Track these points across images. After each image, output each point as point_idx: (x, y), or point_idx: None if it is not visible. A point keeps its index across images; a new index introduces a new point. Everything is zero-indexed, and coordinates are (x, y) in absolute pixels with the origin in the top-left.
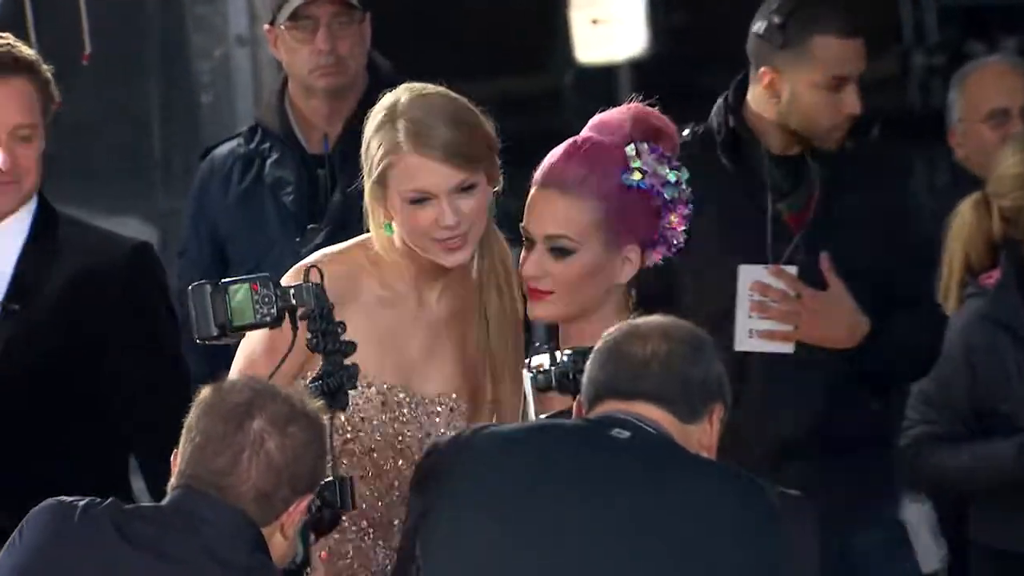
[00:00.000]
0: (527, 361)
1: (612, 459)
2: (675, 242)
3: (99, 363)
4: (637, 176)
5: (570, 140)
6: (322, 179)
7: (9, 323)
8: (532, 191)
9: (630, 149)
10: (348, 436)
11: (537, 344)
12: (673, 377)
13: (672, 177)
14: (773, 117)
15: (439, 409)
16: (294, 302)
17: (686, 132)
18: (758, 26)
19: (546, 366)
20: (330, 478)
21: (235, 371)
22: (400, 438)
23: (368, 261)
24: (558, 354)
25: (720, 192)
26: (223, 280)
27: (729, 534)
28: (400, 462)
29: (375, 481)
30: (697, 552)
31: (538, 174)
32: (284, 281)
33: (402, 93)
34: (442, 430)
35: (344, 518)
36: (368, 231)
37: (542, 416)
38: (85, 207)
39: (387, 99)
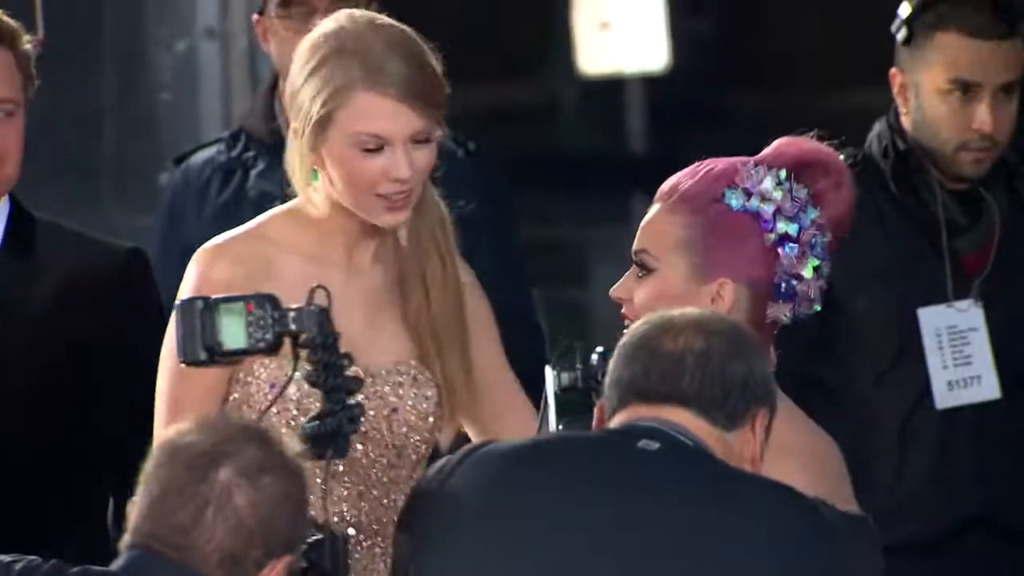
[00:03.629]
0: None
1: (640, 476)
2: (809, 297)
3: (93, 387)
4: (740, 196)
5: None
6: None
7: None
8: None
9: (748, 169)
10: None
11: (563, 339)
12: (710, 377)
13: (790, 207)
14: (909, 130)
15: (401, 380)
16: (293, 327)
17: (841, 157)
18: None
19: (573, 364)
20: (319, 536)
21: (160, 410)
22: (363, 419)
23: (287, 232)
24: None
25: (886, 225)
26: (216, 296)
27: (780, 562)
28: (370, 448)
29: (347, 478)
30: None
31: None
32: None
33: (345, 21)
34: (410, 403)
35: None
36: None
37: (559, 425)
38: None
39: (325, 28)
